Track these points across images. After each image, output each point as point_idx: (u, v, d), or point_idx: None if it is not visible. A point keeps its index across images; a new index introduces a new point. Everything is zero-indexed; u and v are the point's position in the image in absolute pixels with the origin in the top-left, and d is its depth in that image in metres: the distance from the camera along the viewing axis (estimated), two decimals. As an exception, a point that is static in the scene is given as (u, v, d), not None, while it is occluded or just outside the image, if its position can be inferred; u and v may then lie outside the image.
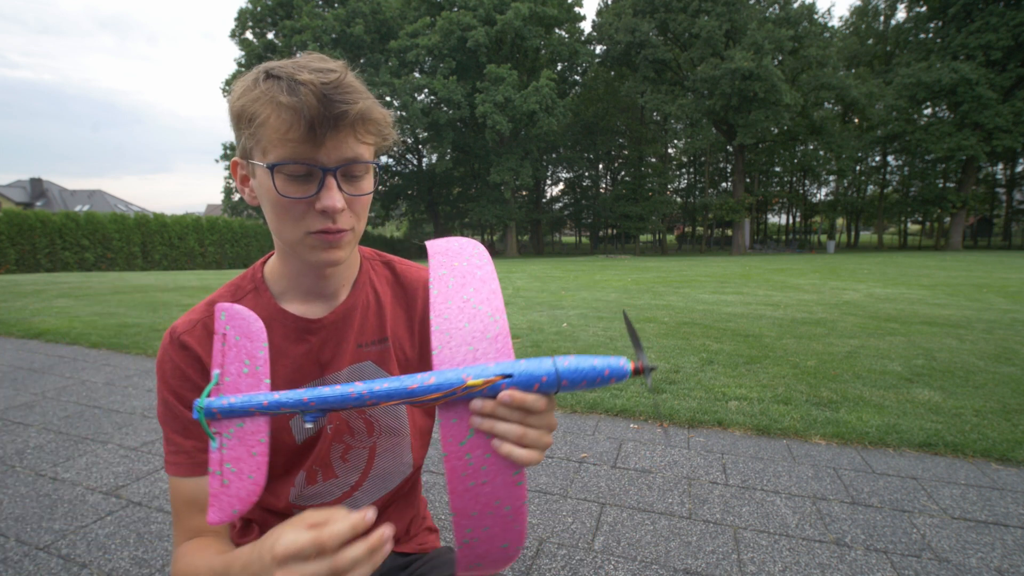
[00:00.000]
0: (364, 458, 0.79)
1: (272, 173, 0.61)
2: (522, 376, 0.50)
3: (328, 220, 0.62)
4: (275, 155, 0.60)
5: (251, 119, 0.60)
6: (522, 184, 33.34)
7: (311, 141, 0.59)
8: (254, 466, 0.52)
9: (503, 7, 29.13)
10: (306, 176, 0.61)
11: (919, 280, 10.63)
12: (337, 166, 0.61)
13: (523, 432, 0.50)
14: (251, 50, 31.70)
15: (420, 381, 0.50)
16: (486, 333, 0.53)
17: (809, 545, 1.66)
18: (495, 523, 0.50)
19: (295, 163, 0.60)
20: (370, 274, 0.80)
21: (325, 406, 0.51)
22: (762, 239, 43.86)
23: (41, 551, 1.61)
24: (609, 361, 0.52)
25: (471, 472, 0.50)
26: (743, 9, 28.94)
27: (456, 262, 0.60)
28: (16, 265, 16.69)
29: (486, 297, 0.56)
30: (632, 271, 14.78)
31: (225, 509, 0.51)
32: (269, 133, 0.60)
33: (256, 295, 0.74)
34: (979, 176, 33.63)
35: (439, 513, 1.85)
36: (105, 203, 41.89)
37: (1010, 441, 2.39)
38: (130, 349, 4.21)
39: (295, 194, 0.61)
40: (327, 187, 0.61)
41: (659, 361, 3.84)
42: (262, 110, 0.59)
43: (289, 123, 0.58)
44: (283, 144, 0.59)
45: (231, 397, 0.53)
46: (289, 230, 0.64)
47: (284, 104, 0.58)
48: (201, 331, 0.71)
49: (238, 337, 0.56)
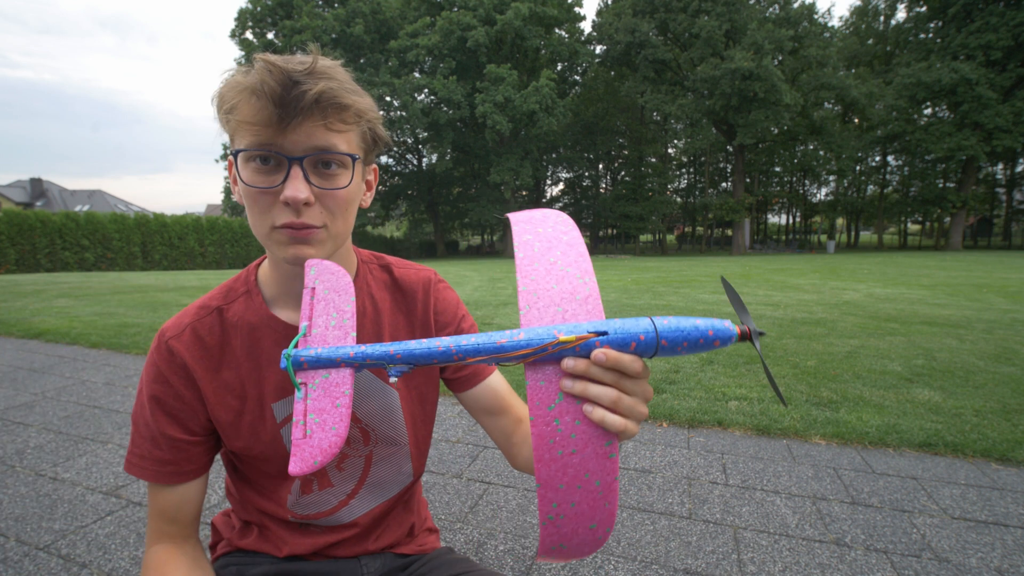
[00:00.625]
0: (360, 467, 0.78)
1: (237, 160, 0.59)
2: (618, 334, 0.46)
3: (292, 213, 0.59)
4: (243, 142, 0.58)
5: (225, 106, 0.59)
6: (522, 184, 33.34)
7: (275, 126, 0.56)
8: (337, 417, 0.50)
9: (503, 7, 29.13)
10: (274, 166, 0.59)
11: (919, 280, 10.63)
12: (304, 155, 0.58)
13: (618, 396, 0.45)
14: (251, 50, 31.68)
15: (509, 336, 0.47)
16: (576, 294, 0.49)
17: (809, 545, 1.66)
18: (584, 499, 0.46)
19: (258, 149, 0.57)
20: (367, 279, 0.79)
21: (411, 360, 0.49)
22: (762, 239, 43.87)
23: (41, 551, 1.61)
24: (713, 322, 0.48)
25: (559, 440, 0.45)
26: (743, 9, 28.94)
27: (541, 228, 0.57)
28: (16, 265, 16.69)
29: (574, 260, 0.52)
30: (632, 271, 14.78)
31: (307, 460, 0.49)
32: (238, 119, 0.58)
33: (248, 298, 0.72)
34: (979, 176, 33.63)
35: (439, 513, 1.85)
36: (105, 203, 41.90)
37: (1010, 441, 2.39)
38: (130, 349, 4.21)
39: (260, 184, 0.59)
40: (291, 177, 0.58)
41: (659, 361, 3.84)
42: (234, 96, 0.58)
43: (255, 107, 0.56)
44: (249, 130, 0.57)
45: (319, 348, 0.52)
46: (257, 223, 0.62)
47: (250, 86, 0.56)
48: (190, 336, 0.69)
49: (327, 291, 0.56)
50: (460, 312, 0.85)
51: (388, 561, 0.85)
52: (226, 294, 0.73)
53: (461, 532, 1.75)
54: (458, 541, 1.70)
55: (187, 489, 0.71)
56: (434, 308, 0.82)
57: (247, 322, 0.71)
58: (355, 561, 0.83)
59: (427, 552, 0.90)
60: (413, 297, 0.81)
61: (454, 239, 46.75)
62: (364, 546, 0.83)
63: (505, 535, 1.72)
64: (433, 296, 0.82)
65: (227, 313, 0.72)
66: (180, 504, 0.70)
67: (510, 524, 1.79)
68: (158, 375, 0.68)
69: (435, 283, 0.83)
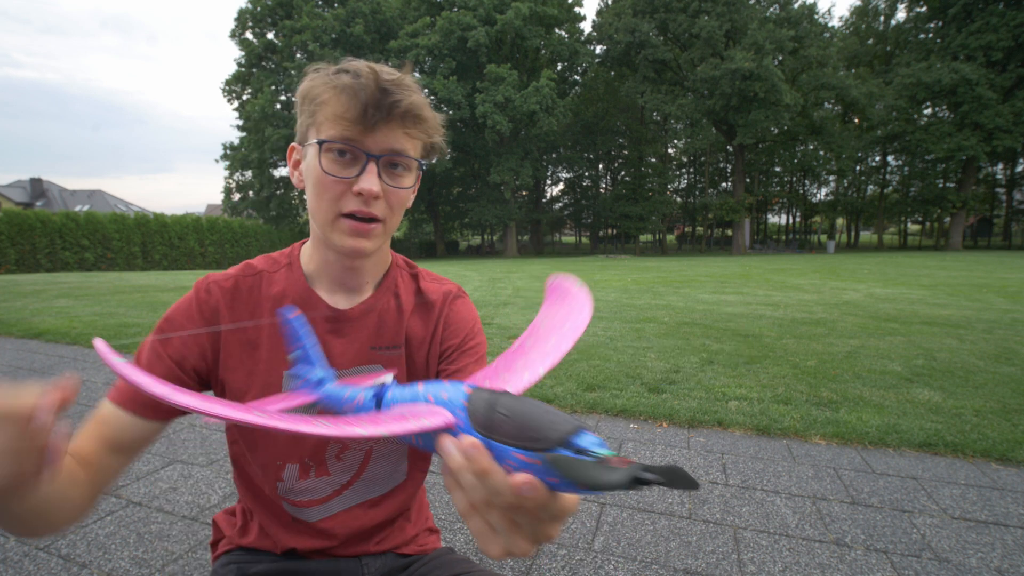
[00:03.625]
0: (359, 460, 0.79)
1: (320, 149, 0.64)
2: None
3: (362, 203, 0.65)
4: (327, 134, 0.64)
5: (313, 99, 0.65)
6: (522, 184, 33.32)
7: (362, 124, 0.63)
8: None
9: (503, 7, 29.12)
10: (352, 158, 0.64)
11: (919, 280, 10.63)
12: (382, 154, 0.64)
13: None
14: (251, 50, 31.69)
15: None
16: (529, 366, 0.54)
17: (809, 545, 1.66)
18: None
19: (344, 142, 0.63)
20: (397, 280, 0.81)
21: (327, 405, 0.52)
22: (762, 239, 43.84)
23: (41, 551, 1.61)
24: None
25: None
26: (743, 9, 28.92)
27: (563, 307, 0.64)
28: (16, 265, 16.69)
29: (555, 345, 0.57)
30: (632, 271, 14.78)
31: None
32: (326, 112, 0.64)
33: (289, 271, 0.77)
34: (979, 176, 33.62)
35: (439, 513, 1.85)
36: (105, 203, 41.87)
37: (1010, 441, 2.39)
38: (130, 349, 4.21)
39: (338, 173, 0.64)
40: (368, 171, 0.64)
41: (659, 361, 3.84)
42: (324, 92, 0.64)
43: (346, 105, 0.62)
44: (336, 124, 0.63)
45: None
46: (324, 209, 0.66)
47: (345, 86, 0.62)
48: (232, 285, 0.74)
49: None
50: (472, 331, 0.82)
51: (389, 561, 0.86)
52: (269, 263, 0.77)
53: (461, 532, 1.75)
54: (458, 541, 1.70)
55: (137, 423, 0.66)
56: (444, 322, 0.82)
57: (284, 291, 0.75)
58: (356, 560, 0.83)
59: (428, 552, 0.90)
60: (432, 307, 0.82)
61: (454, 239, 46.75)
62: (365, 547, 0.83)
63: (505, 535, 1.72)
64: (447, 310, 0.82)
65: (268, 279, 0.76)
66: (119, 433, 0.66)
67: (510, 524, 1.79)
68: (188, 308, 0.72)
69: (453, 297, 0.83)
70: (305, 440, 0.76)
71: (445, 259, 32.52)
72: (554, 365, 0.54)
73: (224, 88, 33.37)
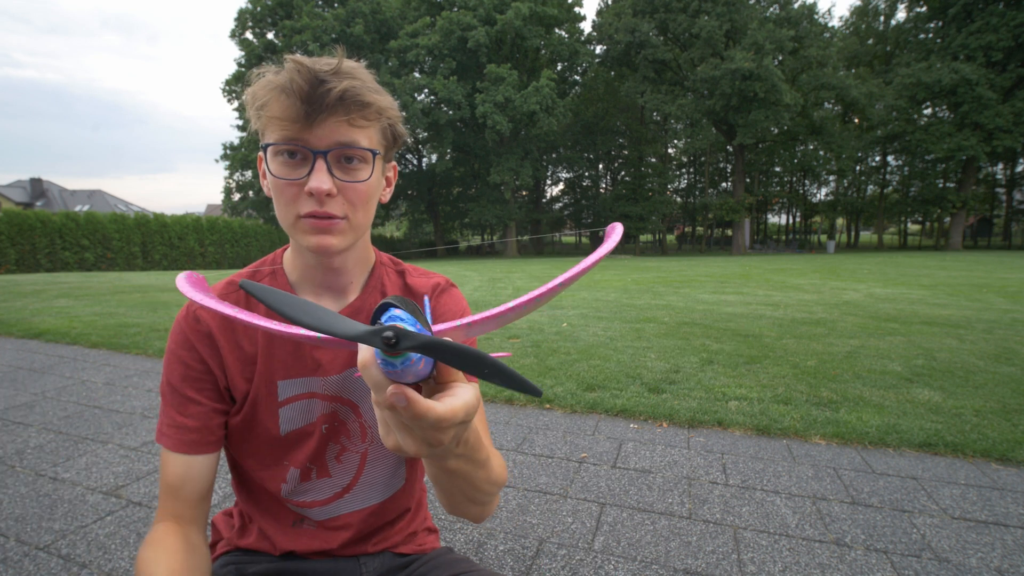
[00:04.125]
0: (356, 463, 0.80)
1: (266, 154, 0.63)
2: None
3: (316, 203, 0.63)
4: (271, 137, 0.62)
5: (259, 104, 0.62)
6: (522, 184, 33.32)
7: (302, 122, 0.60)
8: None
9: (503, 7, 29.12)
10: (302, 158, 0.62)
11: (919, 280, 10.63)
12: (328, 149, 0.62)
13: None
14: (251, 50, 31.67)
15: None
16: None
17: (809, 545, 1.66)
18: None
19: (288, 143, 0.61)
20: (383, 279, 0.80)
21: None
22: (762, 239, 43.85)
23: (41, 551, 1.61)
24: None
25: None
26: (743, 9, 28.92)
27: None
28: (16, 265, 16.69)
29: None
30: (632, 271, 14.77)
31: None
32: (269, 115, 0.62)
33: (273, 278, 0.76)
34: (979, 176, 33.63)
35: (439, 513, 1.85)
36: (105, 203, 41.88)
37: (1010, 441, 2.39)
38: (130, 349, 4.21)
39: (288, 175, 0.63)
40: (316, 169, 0.62)
41: (659, 361, 3.84)
42: (266, 94, 0.61)
43: (284, 104, 0.60)
44: (279, 125, 0.61)
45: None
46: (283, 213, 0.65)
47: (282, 85, 0.60)
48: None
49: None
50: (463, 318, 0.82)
51: (387, 561, 0.86)
52: (252, 273, 0.77)
53: (461, 532, 1.75)
54: (458, 541, 1.70)
55: (199, 462, 0.71)
56: (433, 313, 0.81)
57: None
58: (354, 560, 0.83)
59: (427, 552, 0.90)
60: (420, 301, 0.81)
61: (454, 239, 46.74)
62: (363, 547, 0.84)
63: (505, 535, 1.72)
64: (435, 302, 0.82)
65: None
66: (187, 476, 0.70)
67: (510, 524, 1.79)
68: (184, 340, 0.71)
69: (442, 288, 0.83)
70: (305, 442, 0.76)
71: (445, 259, 32.52)
72: (565, 280, 0.44)
73: (224, 88, 33.35)
